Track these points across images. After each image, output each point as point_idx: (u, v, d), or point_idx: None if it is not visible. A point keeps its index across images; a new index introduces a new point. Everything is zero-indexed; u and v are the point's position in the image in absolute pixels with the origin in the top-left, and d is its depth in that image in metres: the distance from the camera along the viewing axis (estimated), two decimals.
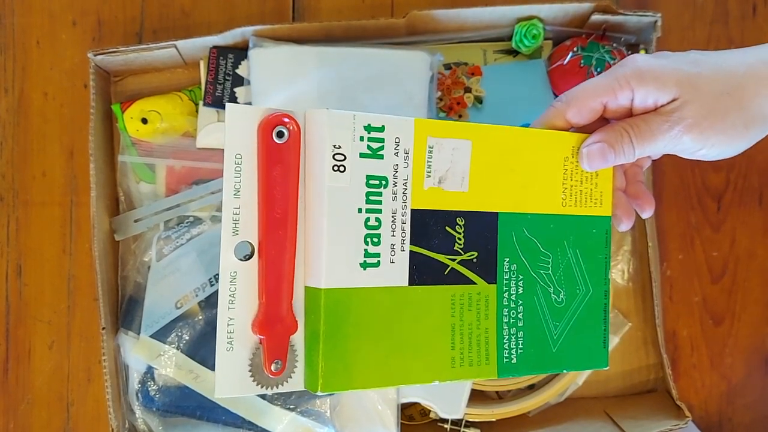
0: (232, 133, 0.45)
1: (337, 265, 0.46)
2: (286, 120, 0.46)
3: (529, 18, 0.70)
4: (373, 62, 0.66)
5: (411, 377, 0.48)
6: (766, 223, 0.76)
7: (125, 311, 0.68)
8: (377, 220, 0.47)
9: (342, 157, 0.46)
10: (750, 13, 0.76)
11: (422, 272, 0.48)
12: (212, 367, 0.65)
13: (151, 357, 0.65)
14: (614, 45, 0.69)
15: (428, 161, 0.48)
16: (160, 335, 0.65)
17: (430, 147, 0.48)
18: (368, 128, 0.46)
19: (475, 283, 0.50)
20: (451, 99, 0.70)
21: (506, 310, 0.51)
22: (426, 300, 0.48)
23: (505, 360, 0.51)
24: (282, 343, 0.46)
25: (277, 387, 0.47)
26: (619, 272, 0.75)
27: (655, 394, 0.74)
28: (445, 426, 0.69)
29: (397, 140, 0.47)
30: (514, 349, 0.52)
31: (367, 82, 0.66)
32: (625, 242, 0.75)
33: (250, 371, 0.46)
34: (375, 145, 0.47)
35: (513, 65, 0.72)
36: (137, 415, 0.66)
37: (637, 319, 0.75)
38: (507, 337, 0.51)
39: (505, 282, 0.51)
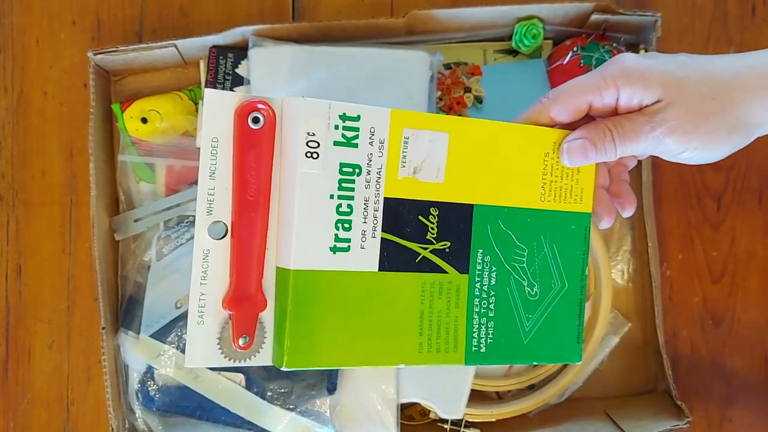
0: (210, 118, 0.47)
1: (306, 247, 0.47)
2: (262, 106, 0.47)
3: (529, 18, 0.70)
4: (372, 62, 0.66)
5: (376, 359, 0.50)
6: (766, 223, 0.76)
7: (125, 311, 0.68)
8: (349, 206, 0.48)
9: (315, 144, 0.47)
10: (749, 12, 0.76)
11: (393, 259, 0.49)
12: (212, 368, 0.65)
13: (151, 357, 0.65)
14: (614, 45, 0.69)
15: (403, 151, 0.49)
16: (160, 335, 0.65)
17: (405, 138, 0.49)
18: (343, 117, 0.47)
19: (446, 272, 0.51)
20: (451, 99, 0.70)
21: (477, 300, 0.52)
22: (395, 286, 0.49)
23: (473, 348, 0.52)
24: (250, 319, 0.48)
25: (244, 361, 0.49)
26: (619, 272, 0.75)
27: (655, 394, 0.74)
28: (445, 426, 0.69)
29: (372, 130, 0.48)
30: (483, 339, 0.52)
31: (367, 81, 0.66)
32: (625, 242, 0.75)
33: (218, 344, 0.48)
34: (350, 134, 0.48)
35: (513, 65, 0.72)
36: (137, 415, 0.66)
37: (637, 319, 0.75)
38: (477, 326, 0.52)
39: (477, 272, 0.52)
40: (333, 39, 0.69)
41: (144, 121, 0.69)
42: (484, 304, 0.52)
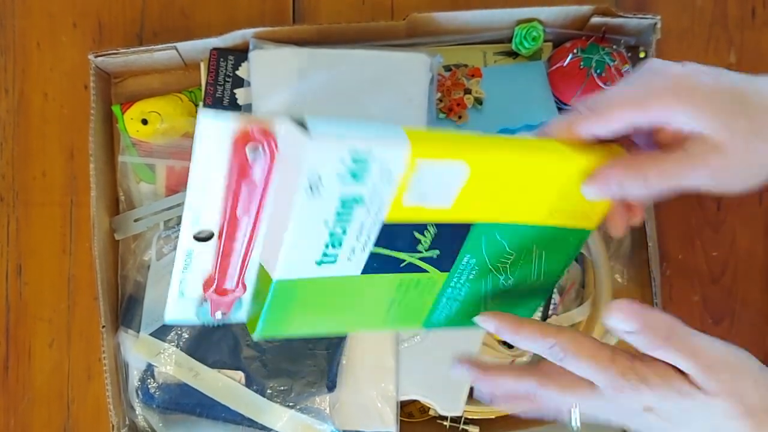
0: (203, 146, 0.43)
1: (292, 264, 0.46)
2: (261, 135, 0.44)
3: (529, 20, 0.70)
4: (373, 64, 0.66)
5: (341, 329, 0.57)
6: (766, 223, 0.76)
7: (125, 310, 0.68)
8: (343, 229, 0.45)
9: (317, 178, 0.42)
10: (749, 15, 0.76)
11: (378, 265, 0.48)
12: (212, 365, 0.66)
13: (151, 355, 0.65)
14: (614, 47, 0.70)
15: (414, 181, 0.44)
16: (160, 333, 0.65)
17: (419, 168, 0.44)
18: (353, 152, 0.41)
19: (427, 272, 0.51)
20: (451, 100, 0.70)
21: (450, 289, 0.53)
22: (373, 283, 0.50)
23: (433, 320, 0.55)
24: (229, 303, 0.50)
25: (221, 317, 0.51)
26: (619, 272, 0.75)
27: None
28: (445, 423, 0.69)
29: (383, 163, 0.43)
30: (444, 314, 0.55)
31: (367, 84, 0.66)
32: (625, 242, 0.75)
33: (195, 315, 0.50)
34: (358, 170, 0.42)
35: (513, 67, 0.72)
36: (137, 412, 0.66)
37: None
38: (442, 306, 0.54)
39: (458, 272, 0.52)
40: (333, 42, 0.69)
41: (144, 122, 0.69)
42: (455, 293, 0.53)
